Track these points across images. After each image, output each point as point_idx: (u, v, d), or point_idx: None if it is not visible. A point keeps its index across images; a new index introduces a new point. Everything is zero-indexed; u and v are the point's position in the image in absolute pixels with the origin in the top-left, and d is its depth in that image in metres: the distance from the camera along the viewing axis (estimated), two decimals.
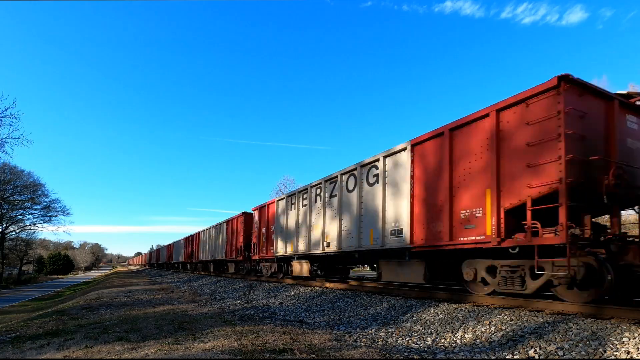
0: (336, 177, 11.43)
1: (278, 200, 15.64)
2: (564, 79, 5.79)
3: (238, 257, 20.13)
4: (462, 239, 7.09)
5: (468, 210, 7.05)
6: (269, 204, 16.82)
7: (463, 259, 7.53)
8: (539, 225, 5.85)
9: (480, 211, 6.82)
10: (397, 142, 8.84)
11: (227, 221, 22.62)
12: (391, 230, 8.84)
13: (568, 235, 5.50)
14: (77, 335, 6.62)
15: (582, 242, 5.99)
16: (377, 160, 9.52)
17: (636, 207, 6.83)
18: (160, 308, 9.90)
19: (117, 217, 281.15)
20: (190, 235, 34.01)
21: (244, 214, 20.08)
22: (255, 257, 17.75)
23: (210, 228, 27.07)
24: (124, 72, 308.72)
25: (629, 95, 6.64)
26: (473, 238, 6.88)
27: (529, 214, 5.96)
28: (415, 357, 4.91)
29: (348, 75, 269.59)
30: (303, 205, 13.44)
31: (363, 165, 10.14)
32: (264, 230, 17.00)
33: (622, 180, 6.02)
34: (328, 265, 13.43)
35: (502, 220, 6.40)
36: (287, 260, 15.02)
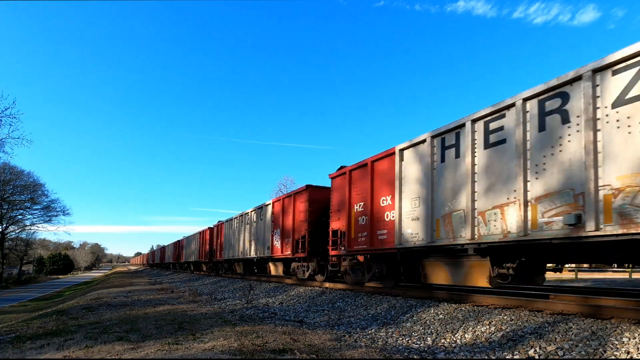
0: (248, 213, 18.34)
1: (225, 222, 22.36)
2: (309, 186, 12.89)
3: (206, 259, 26.62)
4: (284, 253, 14.08)
5: (287, 239, 13.99)
6: (221, 223, 23.24)
7: (291, 262, 14.17)
8: (306, 247, 12.47)
9: (289, 240, 13.71)
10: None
11: (200, 232, 28.88)
12: (267, 247, 15.67)
13: (308, 253, 12.44)
14: (77, 335, 6.62)
15: (318, 256, 12.43)
16: (267, 204, 16.26)
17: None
18: (160, 308, 9.90)
19: (117, 217, 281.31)
20: (177, 240, 39.92)
21: (210, 228, 26.43)
22: (215, 259, 24.49)
23: (190, 236, 33.37)
24: (126, 70, 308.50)
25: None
26: (288, 253, 13.79)
27: (300, 243, 12.87)
28: (415, 357, 4.91)
29: (354, 75, 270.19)
30: (235, 227, 20.34)
31: (259, 208, 17.12)
32: (219, 241, 23.62)
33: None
34: (252, 266, 18.85)
35: (293, 246, 13.35)
36: (232, 262, 21.23)
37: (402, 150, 8.49)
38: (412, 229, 8.01)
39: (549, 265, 7.25)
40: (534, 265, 6.89)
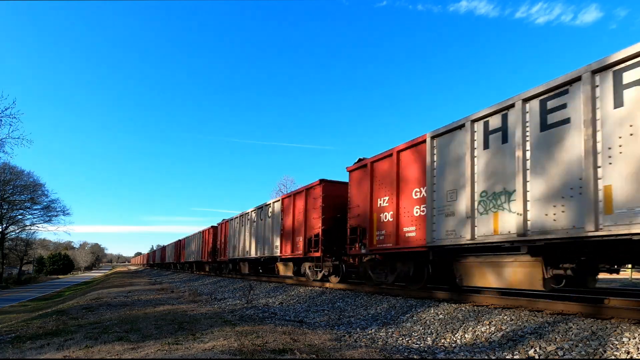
0: (261, 207, 17.18)
1: (230, 220, 22.03)
2: (322, 180, 12.14)
3: (209, 259, 25.81)
4: (295, 252, 13.41)
5: (297, 238, 13.35)
6: (226, 222, 22.87)
7: (302, 262, 13.78)
8: (320, 246, 11.75)
9: (300, 239, 13.09)
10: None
11: (202, 231, 27.94)
12: (275, 246, 15.19)
13: (322, 252, 11.71)
14: (77, 335, 6.62)
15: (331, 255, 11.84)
16: (270, 204, 16.14)
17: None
18: (160, 308, 9.90)
19: (117, 217, 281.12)
20: (178, 240, 38.21)
21: (212, 227, 25.67)
22: (219, 259, 23.81)
23: (191, 235, 32.16)
24: (126, 70, 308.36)
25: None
26: (299, 252, 13.14)
27: (313, 241, 12.16)
28: (415, 357, 4.91)
29: (355, 74, 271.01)
30: (242, 225, 19.70)
31: (266, 205, 16.55)
32: (223, 239, 23.12)
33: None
34: (259, 266, 18.53)
35: (306, 244, 12.64)
36: (237, 261, 20.39)
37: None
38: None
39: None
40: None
